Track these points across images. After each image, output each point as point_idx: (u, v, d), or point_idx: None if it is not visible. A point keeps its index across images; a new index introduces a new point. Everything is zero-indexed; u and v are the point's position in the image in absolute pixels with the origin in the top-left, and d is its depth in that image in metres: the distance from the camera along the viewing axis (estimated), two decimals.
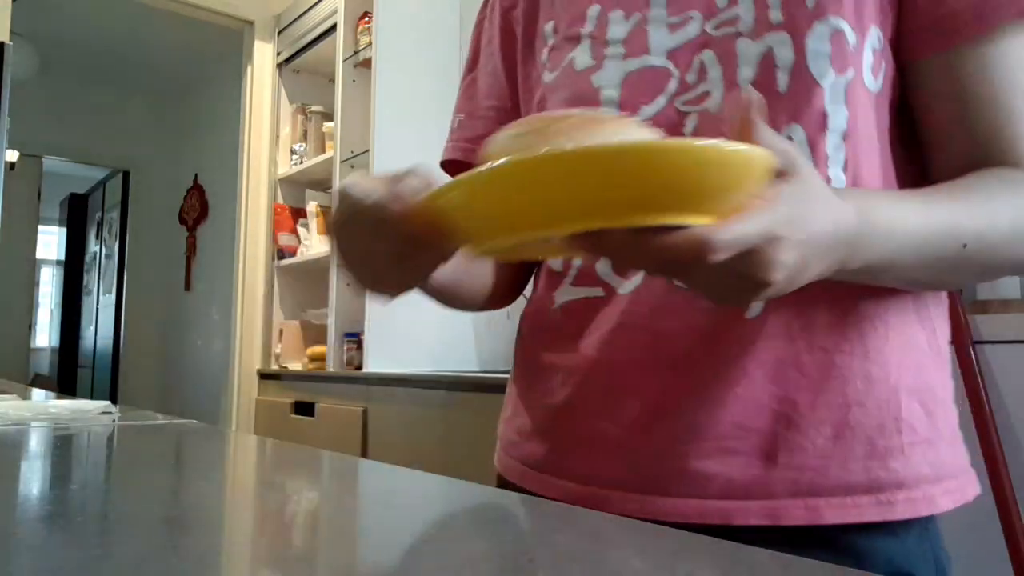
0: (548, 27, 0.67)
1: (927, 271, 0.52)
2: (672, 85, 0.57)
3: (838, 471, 0.53)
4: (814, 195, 0.41)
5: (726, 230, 0.36)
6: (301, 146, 3.17)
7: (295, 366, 3.02)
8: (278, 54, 3.33)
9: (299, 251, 3.11)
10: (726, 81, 0.56)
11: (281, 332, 3.14)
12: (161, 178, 5.55)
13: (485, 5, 0.77)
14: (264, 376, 3.17)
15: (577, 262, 0.62)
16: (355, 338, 2.60)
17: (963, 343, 1.26)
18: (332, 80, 2.87)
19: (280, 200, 3.26)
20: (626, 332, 0.57)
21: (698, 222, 0.36)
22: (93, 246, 6.22)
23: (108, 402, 0.98)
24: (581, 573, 0.33)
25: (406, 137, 2.58)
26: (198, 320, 4.96)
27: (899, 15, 0.56)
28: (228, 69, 4.55)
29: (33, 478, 0.56)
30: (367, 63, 2.67)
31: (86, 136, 5.43)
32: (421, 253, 0.45)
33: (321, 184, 3.13)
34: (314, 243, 2.96)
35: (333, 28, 2.87)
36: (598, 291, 0.60)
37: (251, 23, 3.35)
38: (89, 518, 0.43)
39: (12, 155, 5.05)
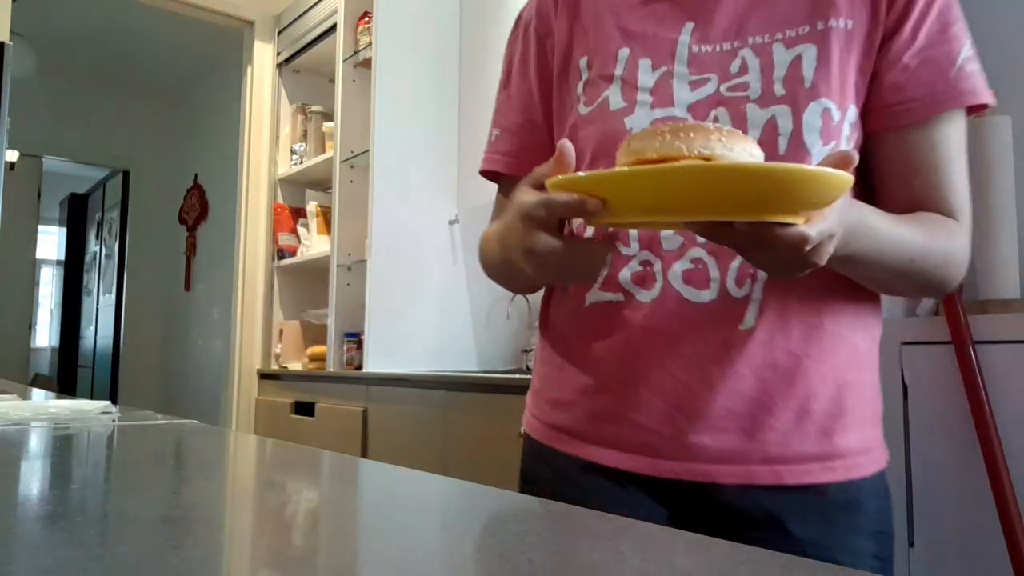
0: (583, 62, 0.77)
1: (884, 273, 0.68)
2: None
3: (797, 445, 0.69)
4: (849, 203, 0.58)
5: (815, 229, 0.51)
6: (301, 146, 3.18)
7: (295, 366, 3.02)
8: (278, 54, 3.33)
9: (299, 251, 3.11)
10: None
11: (281, 332, 3.14)
12: (161, 178, 5.55)
13: (518, 25, 0.86)
14: (264, 376, 3.17)
15: (604, 272, 0.74)
16: (355, 338, 2.60)
17: (963, 343, 1.26)
18: (332, 80, 2.87)
19: (280, 200, 3.26)
20: (648, 334, 0.71)
21: (797, 221, 0.50)
22: (93, 246, 6.22)
23: (108, 402, 0.98)
24: (581, 573, 0.33)
25: (406, 137, 2.58)
26: (198, 320, 4.96)
27: (867, 95, 0.71)
28: (228, 69, 4.55)
29: (33, 478, 0.56)
30: (367, 63, 2.67)
31: (86, 136, 5.43)
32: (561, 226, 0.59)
33: (321, 184, 3.13)
34: (314, 243, 2.96)
35: (333, 28, 2.87)
36: (619, 296, 0.73)
37: (251, 23, 3.35)
38: (89, 518, 0.43)
39: (12, 155, 5.05)
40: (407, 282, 2.55)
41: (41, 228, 6.17)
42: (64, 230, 6.72)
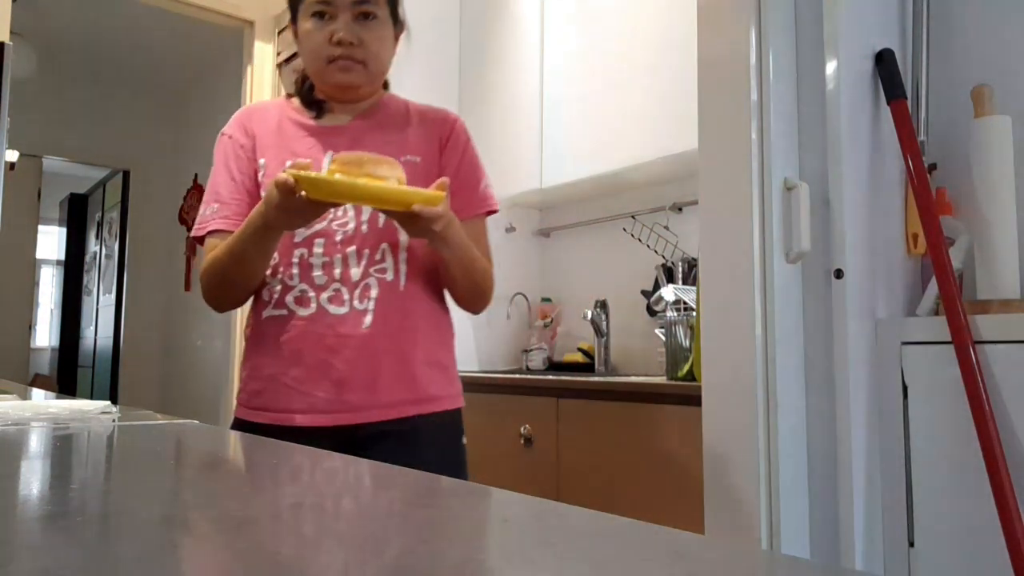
0: (262, 161, 1.22)
1: (463, 256, 1.17)
2: None
3: (398, 395, 1.15)
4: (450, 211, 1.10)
5: (438, 209, 1.04)
6: None
7: None
8: (278, 54, 3.33)
9: None
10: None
11: None
12: (161, 178, 5.56)
13: (222, 138, 1.26)
14: None
15: (276, 296, 1.17)
16: None
17: (963, 343, 1.26)
18: None
19: None
20: (308, 337, 1.14)
21: (423, 208, 1.02)
22: (93, 246, 6.22)
23: (108, 402, 0.98)
24: (581, 573, 0.33)
25: None
26: (198, 320, 4.96)
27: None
28: (228, 69, 4.55)
29: (33, 478, 0.56)
30: None
31: (86, 136, 5.43)
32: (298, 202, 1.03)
33: None
34: None
35: None
36: (284, 312, 1.16)
37: (251, 23, 3.35)
38: (89, 518, 0.43)
39: (12, 155, 5.05)
40: None
41: (41, 228, 6.17)
42: (64, 230, 6.72)
